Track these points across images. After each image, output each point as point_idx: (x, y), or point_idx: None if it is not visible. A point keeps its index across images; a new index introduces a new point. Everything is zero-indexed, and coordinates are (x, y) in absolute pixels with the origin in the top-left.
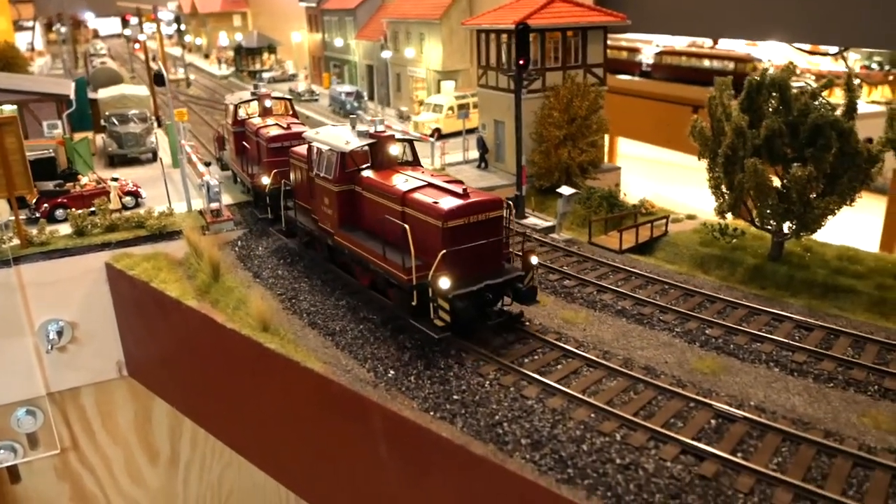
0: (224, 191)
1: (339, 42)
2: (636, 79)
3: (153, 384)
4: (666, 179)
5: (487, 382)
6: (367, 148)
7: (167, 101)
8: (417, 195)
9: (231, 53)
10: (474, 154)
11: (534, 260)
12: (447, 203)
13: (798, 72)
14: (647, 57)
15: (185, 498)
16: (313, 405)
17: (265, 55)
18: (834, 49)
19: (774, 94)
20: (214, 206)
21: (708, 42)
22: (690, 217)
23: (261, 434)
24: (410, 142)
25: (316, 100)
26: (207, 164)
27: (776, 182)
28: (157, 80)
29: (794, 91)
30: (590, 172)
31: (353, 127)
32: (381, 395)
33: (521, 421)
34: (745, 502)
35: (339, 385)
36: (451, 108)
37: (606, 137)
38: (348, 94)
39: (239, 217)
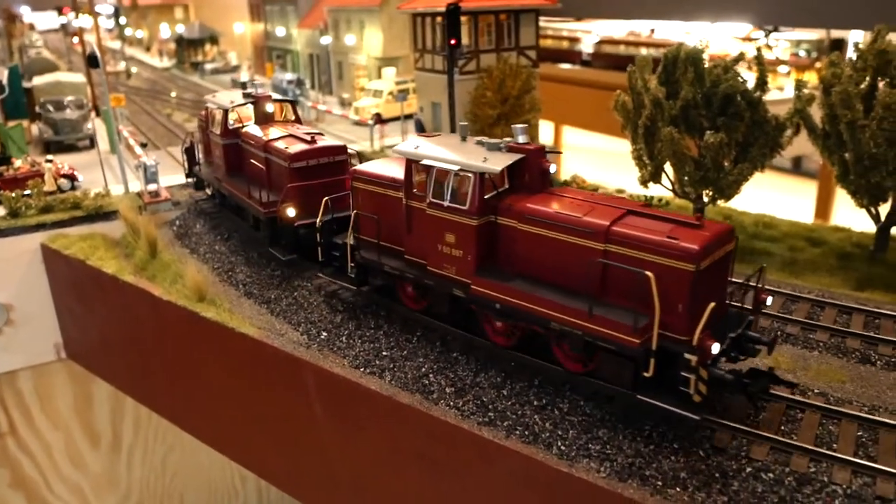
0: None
1: (281, 31)
2: (577, 67)
3: (93, 365)
4: (611, 168)
5: (415, 338)
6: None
7: (105, 87)
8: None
9: (173, 45)
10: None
11: None
12: None
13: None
14: (587, 46)
15: (129, 481)
16: (249, 370)
17: (207, 46)
18: (762, 35)
19: (690, 67)
20: (152, 187)
21: (646, 31)
22: (619, 191)
23: (202, 406)
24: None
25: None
26: (143, 146)
27: (694, 152)
28: (91, 62)
29: (709, 65)
30: None
31: (484, 144)
32: (314, 354)
33: (446, 372)
34: (651, 432)
35: (272, 347)
36: (390, 94)
37: (552, 126)
38: (289, 82)
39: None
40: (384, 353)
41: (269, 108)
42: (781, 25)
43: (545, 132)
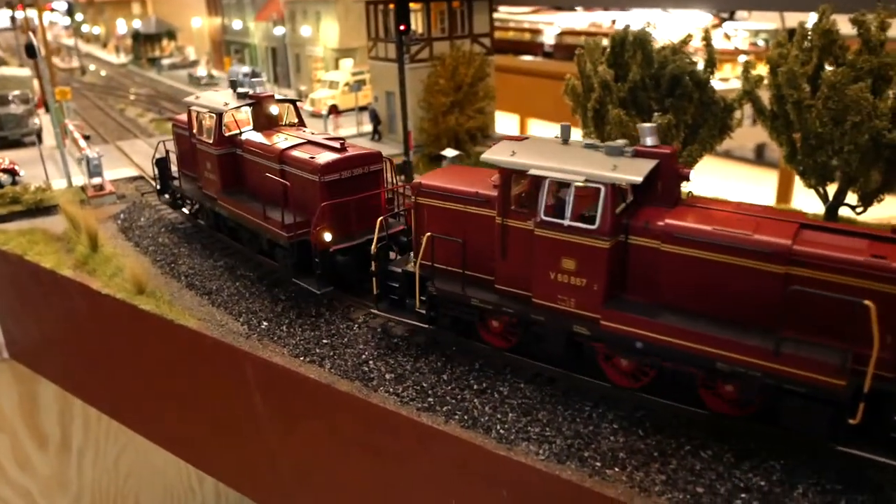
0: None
1: (238, 25)
2: (539, 59)
3: (36, 365)
4: None
5: (356, 326)
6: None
7: (47, 79)
8: None
9: (129, 41)
10: (369, 128)
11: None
12: None
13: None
14: (548, 38)
15: (80, 484)
16: (190, 363)
17: (165, 42)
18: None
19: (638, 49)
20: (97, 180)
21: (607, 23)
22: None
23: (146, 403)
24: None
25: (216, 84)
26: (86, 138)
27: None
28: (28, 51)
29: (658, 47)
30: (479, 139)
31: (599, 148)
32: (253, 344)
33: (386, 358)
34: (591, 413)
35: (211, 338)
36: (346, 84)
37: (518, 119)
38: (245, 74)
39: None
40: (325, 341)
41: (274, 109)
42: (739, 9)
43: (511, 125)
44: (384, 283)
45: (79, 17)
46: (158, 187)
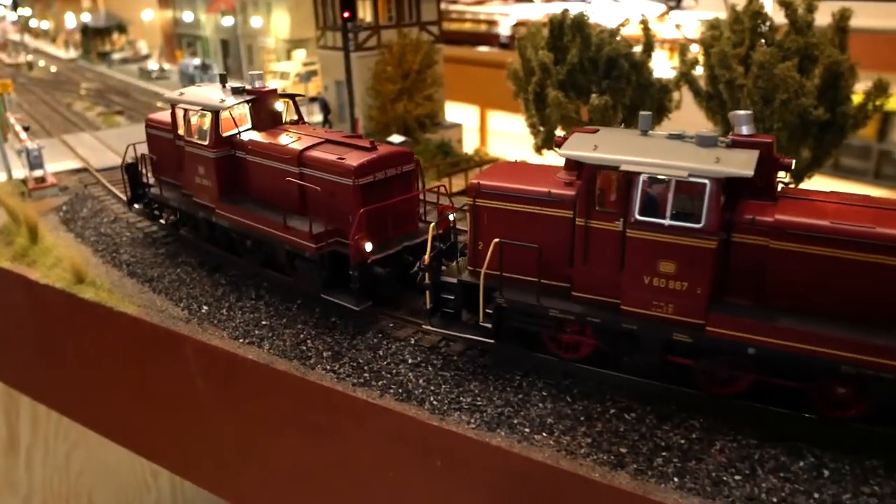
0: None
1: (189, 17)
2: (496, 50)
3: None
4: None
5: (295, 306)
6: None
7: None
8: None
9: (79, 36)
10: (320, 117)
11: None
12: None
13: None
14: (504, 29)
15: (30, 483)
16: (131, 350)
17: (115, 35)
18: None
19: (576, 33)
20: (38, 172)
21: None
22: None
23: (91, 394)
24: None
25: (167, 77)
26: (26, 129)
27: (585, 117)
28: None
29: (596, 30)
30: (428, 126)
31: (686, 138)
32: (193, 328)
33: (323, 336)
34: (521, 382)
35: (150, 324)
36: (297, 75)
37: (478, 111)
38: (196, 67)
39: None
40: (264, 323)
41: (278, 106)
42: None
43: (472, 117)
44: (437, 296)
45: (26, 11)
46: (128, 196)
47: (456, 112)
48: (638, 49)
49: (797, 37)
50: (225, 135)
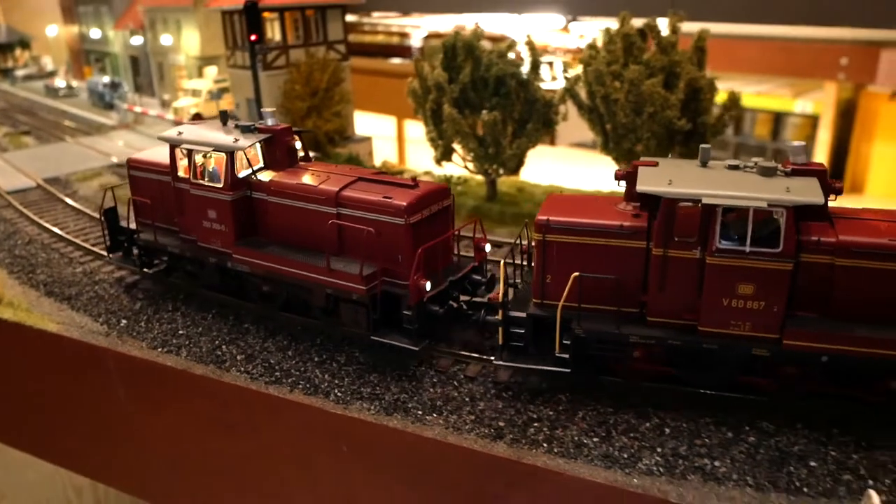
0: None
1: (96, 33)
2: (408, 62)
3: None
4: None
5: (210, 315)
6: None
7: None
8: None
9: None
10: None
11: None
12: None
13: (549, 48)
14: (416, 41)
15: None
16: (53, 367)
17: (18, 51)
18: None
19: (467, 53)
20: None
21: (471, 25)
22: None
23: (15, 412)
24: None
25: (76, 95)
26: None
27: (480, 131)
28: None
29: (486, 50)
30: (337, 141)
31: (748, 169)
32: (112, 341)
33: (237, 342)
34: (415, 372)
35: (70, 339)
36: (209, 93)
37: (395, 121)
38: (105, 84)
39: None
40: (181, 332)
41: (297, 144)
42: (582, 15)
43: (390, 127)
44: (508, 331)
45: None
46: (107, 245)
47: (374, 123)
48: (525, 68)
49: (661, 56)
50: (246, 178)
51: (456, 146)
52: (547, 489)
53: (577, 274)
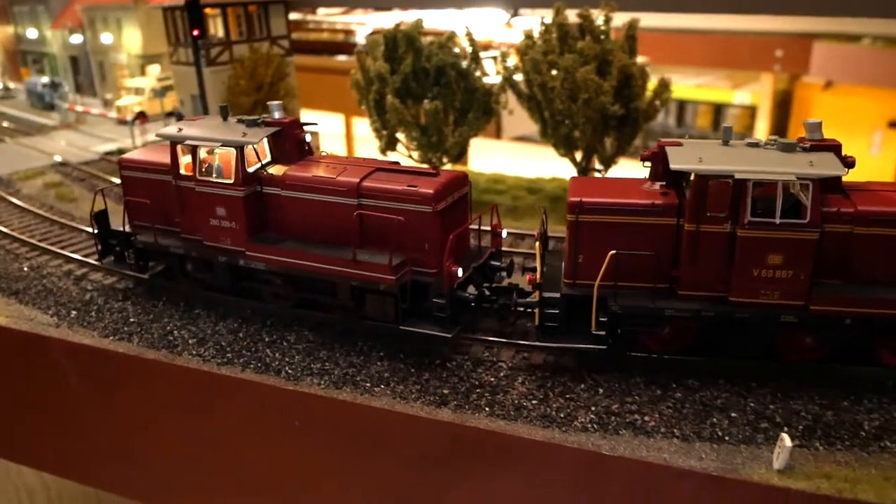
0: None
1: (33, 33)
2: (354, 59)
3: None
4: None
5: (161, 303)
6: None
7: None
8: None
9: None
10: None
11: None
12: None
13: (494, 43)
14: (361, 38)
15: None
16: (4, 361)
17: None
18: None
19: (408, 44)
20: None
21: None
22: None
23: None
24: None
25: (13, 97)
26: None
27: (423, 121)
28: None
29: (427, 41)
30: None
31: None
32: (63, 332)
33: (189, 326)
34: (362, 346)
35: (19, 332)
36: (152, 90)
37: (343, 118)
38: (45, 85)
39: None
40: (132, 320)
41: (307, 137)
42: (523, 8)
43: (338, 125)
44: (544, 311)
45: None
46: (99, 250)
47: (322, 121)
48: (465, 58)
49: (594, 45)
50: (259, 173)
51: (400, 136)
52: (489, 450)
53: (613, 252)
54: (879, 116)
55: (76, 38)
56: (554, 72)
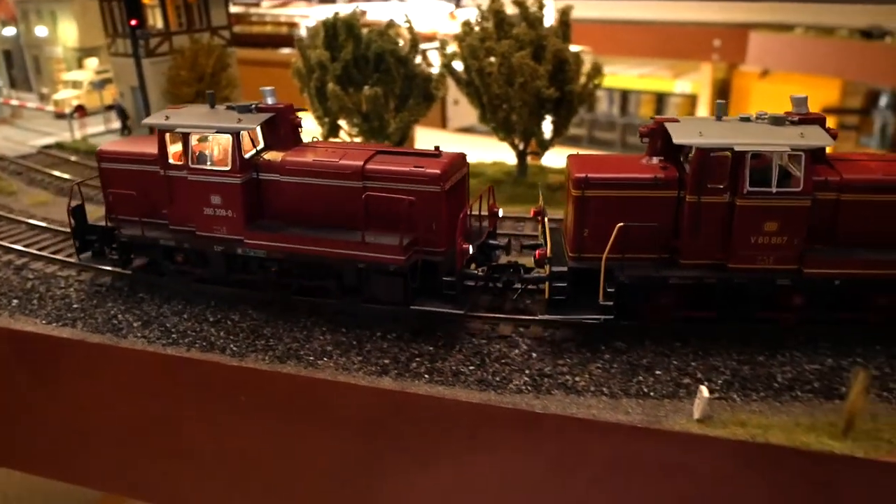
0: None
1: None
2: (296, 51)
3: None
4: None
5: (105, 288)
6: None
7: None
8: None
9: None
10: (118, 125)
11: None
12: None
13: (438, 35)
14: (304, 31)
15: None
16: None
17: None
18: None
19: (347, 32)
20: None
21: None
22: None
23: None
24: None
25: None
26: None
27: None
28: None
29: (366, 30)
30: None
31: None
32: (4, 320)
33: (133, 310)
34: (305, 322)
35: None
36: (91, 83)
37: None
38: None
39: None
40: (75, 306)
41: (301, 123)
42: None
43: None
44: (553, 286)
45: None
46: (77, 246)
47: None
48: (403, 44)
49: (530, 30)
50: (253, 159)
51: (342, 122)
52: (428, 413)
53: (622, 224)
54: (814, 103)
55: (9, 31)
56: (492, 58)
